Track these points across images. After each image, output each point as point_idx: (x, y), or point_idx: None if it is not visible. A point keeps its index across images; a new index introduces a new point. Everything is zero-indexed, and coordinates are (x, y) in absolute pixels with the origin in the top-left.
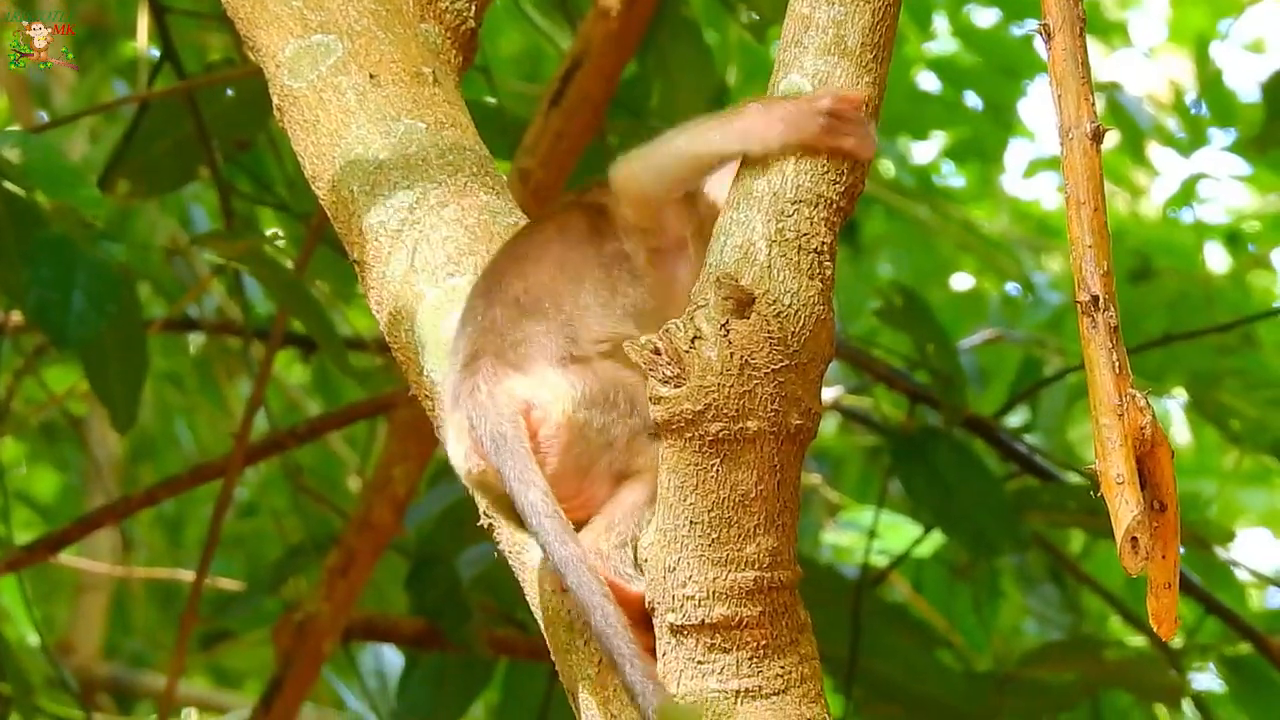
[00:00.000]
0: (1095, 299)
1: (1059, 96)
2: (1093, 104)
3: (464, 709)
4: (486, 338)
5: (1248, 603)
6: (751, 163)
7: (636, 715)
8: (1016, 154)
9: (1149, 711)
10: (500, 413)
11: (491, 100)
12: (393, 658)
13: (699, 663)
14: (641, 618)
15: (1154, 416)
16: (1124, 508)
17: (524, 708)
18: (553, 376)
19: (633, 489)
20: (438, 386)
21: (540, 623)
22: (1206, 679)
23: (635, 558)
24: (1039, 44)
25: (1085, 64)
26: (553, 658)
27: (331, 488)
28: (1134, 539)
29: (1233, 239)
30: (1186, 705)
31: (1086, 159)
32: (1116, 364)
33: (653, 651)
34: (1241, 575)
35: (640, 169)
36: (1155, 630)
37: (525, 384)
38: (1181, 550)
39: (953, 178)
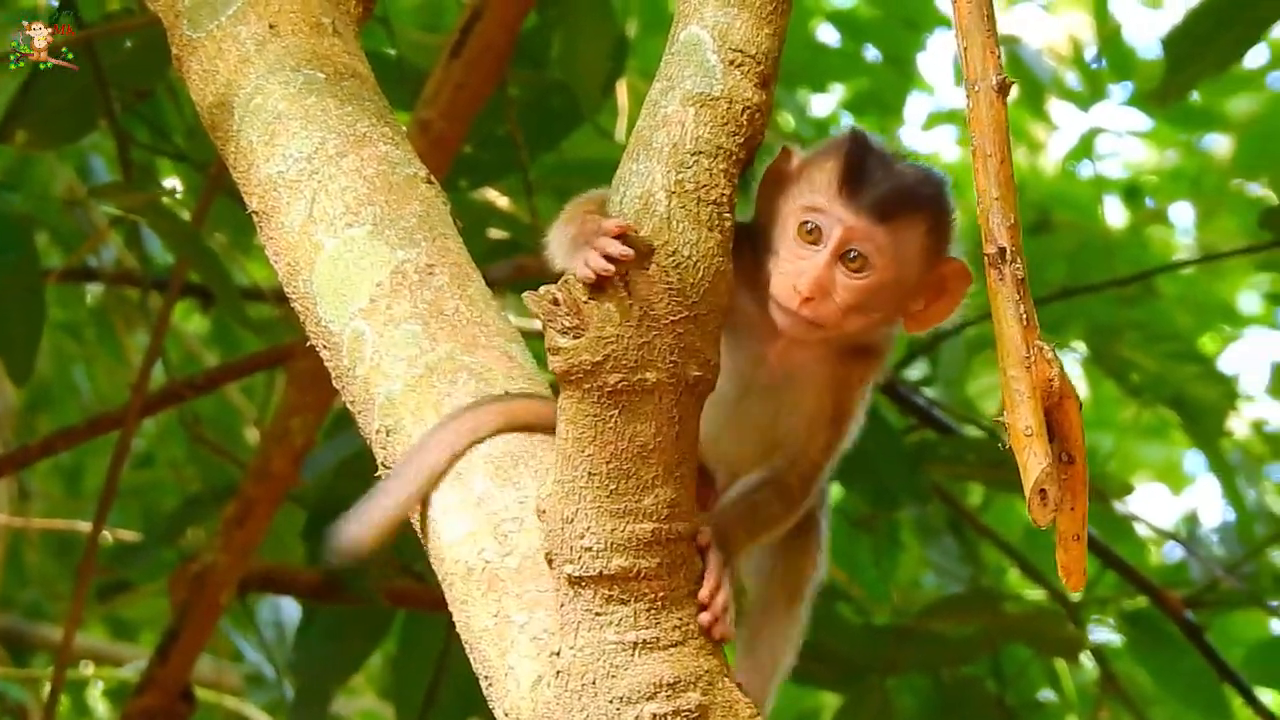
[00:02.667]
0: (1002, 251)
1: (964, 49)
2: (998, 57)
3: (362, 660)
4: None
5: (1146, 557)
6: (650, 114)
7: (535, 667)
8: (916, 107)
9: (1048, 664)
10: None
11: (391, 51)
12: (291, 609)
13: (597, 614)
14: None
15: (1062, 368)
16: (1033, 460)
17: (422, 659)
18: None
19: None
20: (335, 336)
21: (438, 574)
22: (1104, 632)
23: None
24: None
25: (991, 17)
26: (450, 609)
27: (229, 438)
28: (1043, 491)
29: (1131, 193)
30: (1085, 657)
31: (992, 111)
32: (1024, 316)
33: None
34: (1141, 530)
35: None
36: (1064, 582)
37: None
38: None
39: None
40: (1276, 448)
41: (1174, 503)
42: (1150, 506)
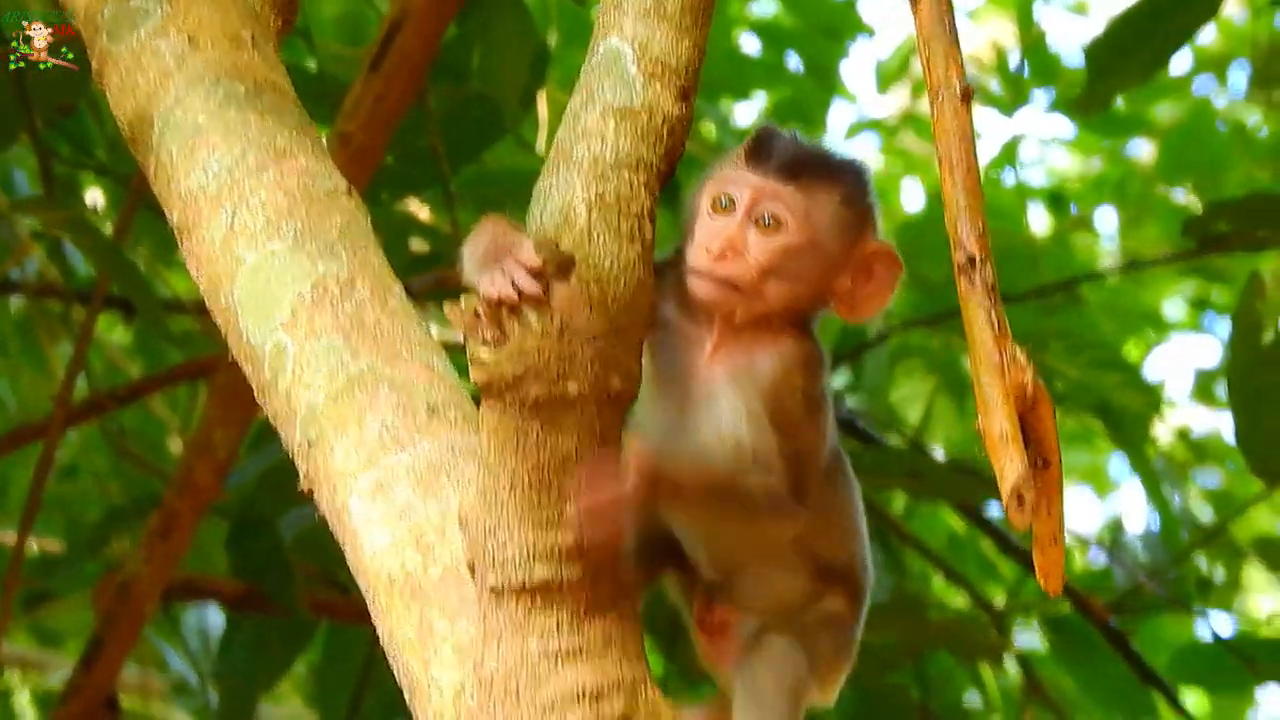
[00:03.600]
0: (972, 259)
1: (927, 58)
2: (961, 64)
3: (285, 669)
4: None
5: (1071, 563)
6: (570, 126)
7: (458, 677)
8: (838, 115)
9: (972, 670)
10: None
11: (312, 64)
12: (215, 618)
13: (519, 624)
14: None
15: (1035, 373)
16: (1009, 465)
17: (345, 669)
18: None
19: None
20: (257, 349)
21: (360, 585)
22: (1029, 638)
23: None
24: (897, 7)
25: (952, 26)
26: (374, 620)
27: (153, 450)
28: (1020, 495)
29: (1055, 200)
30: (1009, 663)
31: (957, 119)
32: (995, 321)
33: None
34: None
35: None
36: (1043, 585)
37: None
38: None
39: None
40: (1201, 453)
41: (1099, 508)
42: (1076, 512)
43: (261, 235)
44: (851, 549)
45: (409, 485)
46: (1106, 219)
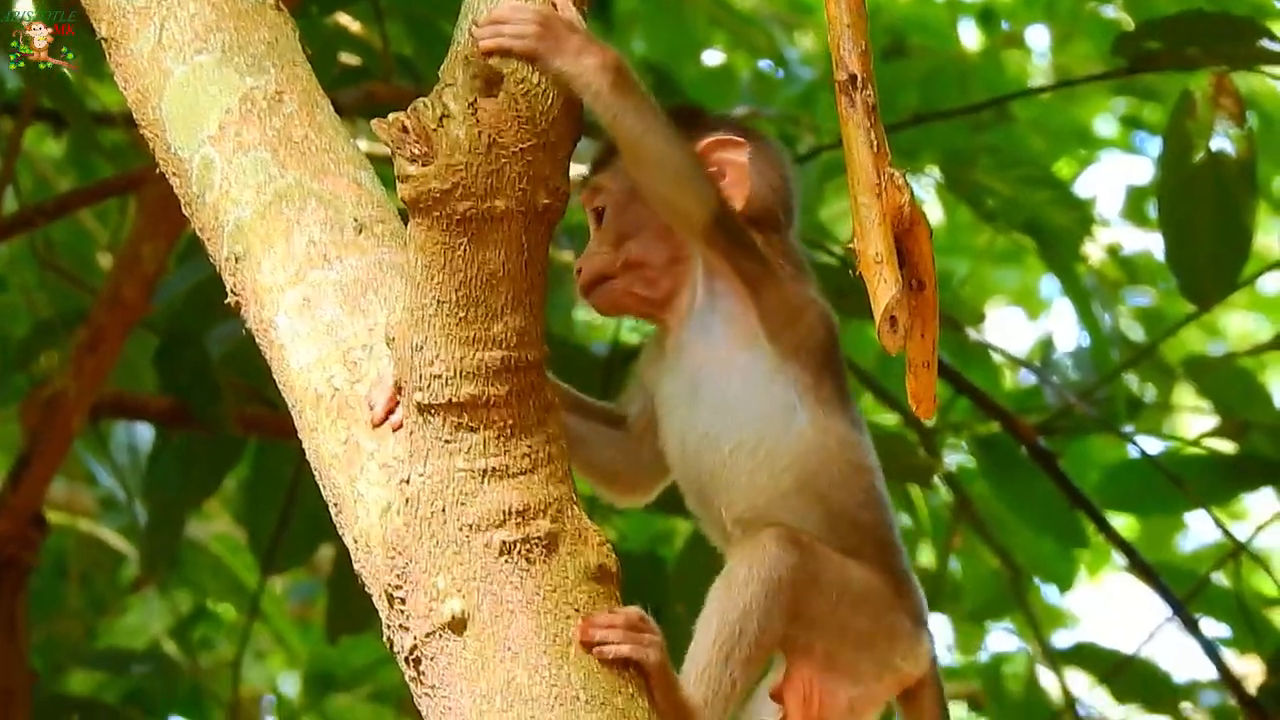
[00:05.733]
0: (853, 78)
1: None
2: None
3: (214, 486)
4: None
5: (1001, 382)
6: None
7: (384, 494)
8: None
9: (901, 490)
10: None
11: None
12: (144, 434)
13: (446, 441)
14: None
15: (912, 195)
16: (882, 286)
17: (274, 486)
18: None
19: None
20: (184, 163)
21: (288, 401)
22: (958, 457)
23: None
24: None
25: None
26: (300, 437)
27: (81, 264)
28: (892, 318)
29: (986, 17)
30: (939, 483)
31: None
32: (875, 143)
33: None
34: (996, 356)
35: None
36: (914, 409)
37: None
38: None
39: None
40: (1132, 272)
41: (1030, 328)
42: (1007, 331)
43: (189, 48)
44: (876, 513)
45: (336, 301)
46: (1038, 36)
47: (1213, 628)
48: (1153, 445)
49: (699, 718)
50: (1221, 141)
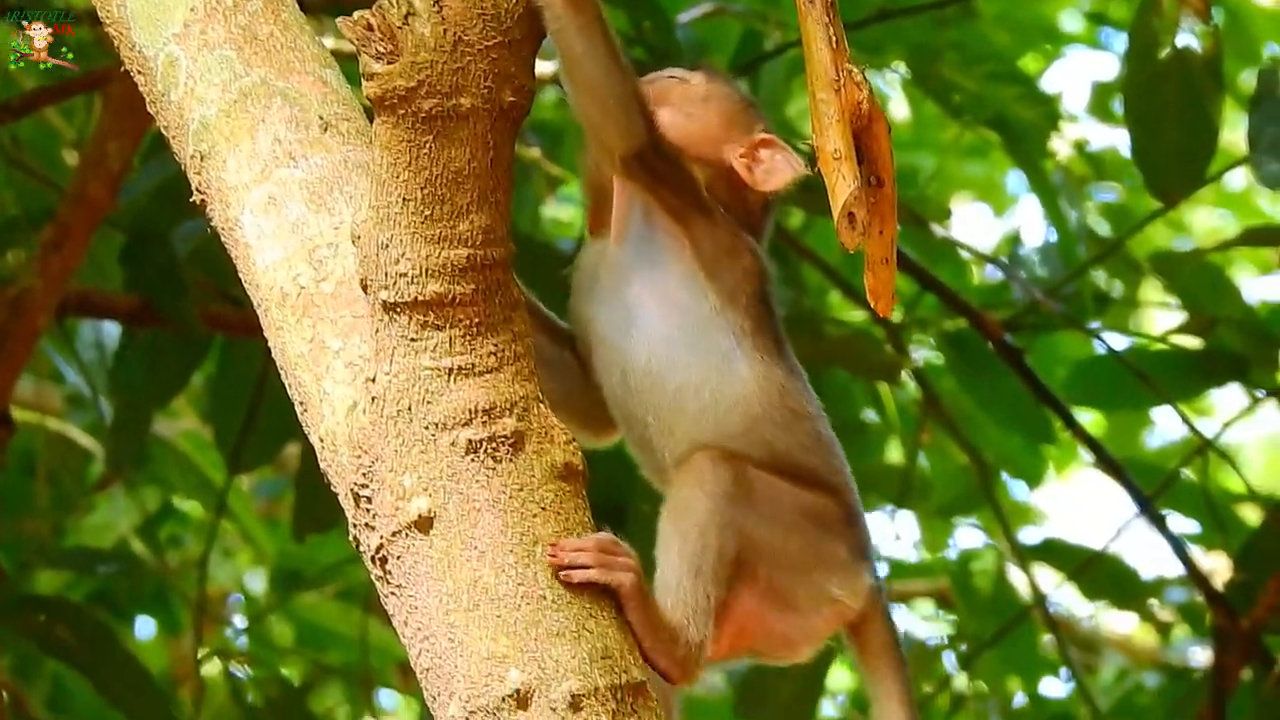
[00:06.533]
0: None
1: None
2: None
3: (181, 384)
4: None
5: (968, 279)
6: None
7: (350, 393)
8: None
9: (870, 386)
10: None
11: None
12: (111, 331)
13: (412, 340)
14: None
15: (871, 91)
16: (841, 183)
17: (240, 384)
18: None
19: None
20: (149, 61)
21: (253, 300)
22: (925, 353)
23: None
24: None
25: None
26: (266, 335)
27: (47, 162)
28: (851, 214)
29: None
30: (907, 379)
31: None
32: (834, 39)
33: None
34: (962, 252)
35: None
36: (873, 305)
37: None
38: (899, 227)
39: None
40: (1098, 167)
41: (997, 223)
42: (973, 227)
43: None
44: (821, 457)
45: (301, 200)
46: None
47: (1180, 524)
48: (1119, 341)
49: (683, 635)
50: (1187, 37)
